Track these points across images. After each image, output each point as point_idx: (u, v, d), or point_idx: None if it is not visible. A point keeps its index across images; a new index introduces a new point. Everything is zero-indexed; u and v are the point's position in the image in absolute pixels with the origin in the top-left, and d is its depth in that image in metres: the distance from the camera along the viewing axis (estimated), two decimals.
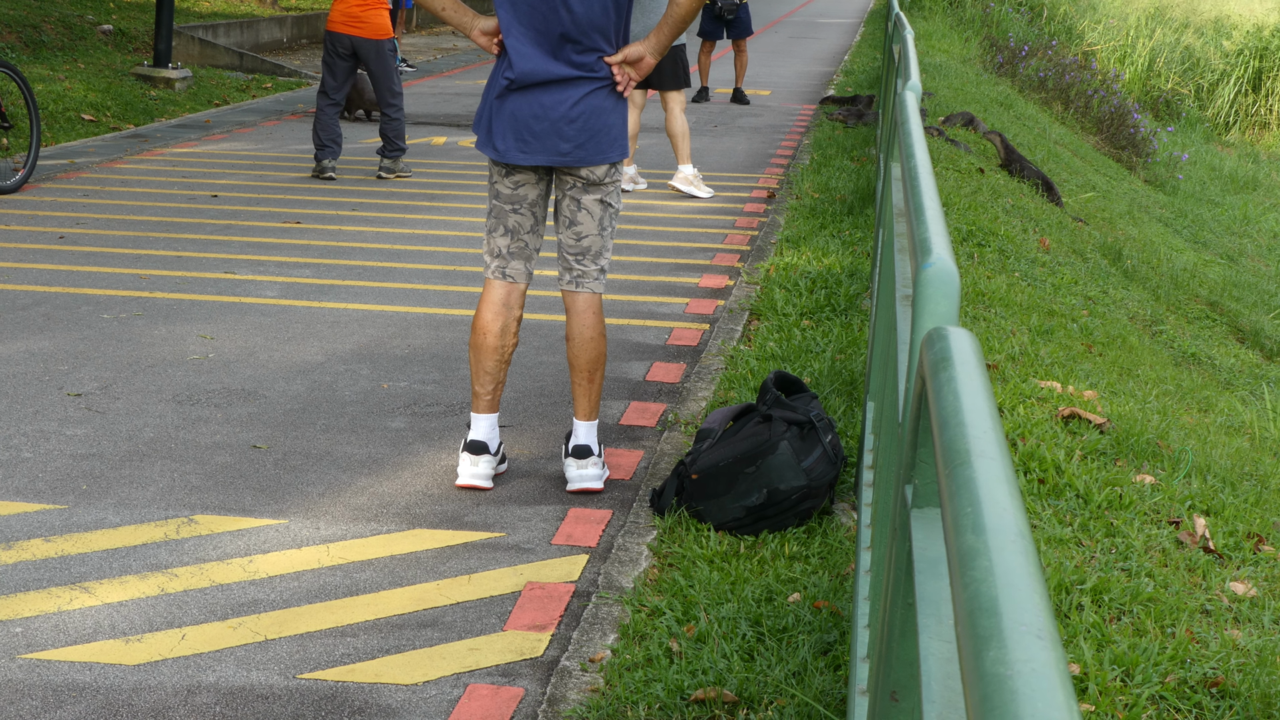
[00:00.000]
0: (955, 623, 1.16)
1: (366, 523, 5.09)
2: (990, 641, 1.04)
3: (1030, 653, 1.01)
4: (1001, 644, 1.03)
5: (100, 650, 4.13)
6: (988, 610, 1.08)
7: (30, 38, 17.15)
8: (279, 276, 8.46)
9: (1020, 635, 1.04)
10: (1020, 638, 1.03)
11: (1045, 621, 1.07)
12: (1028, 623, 1.06)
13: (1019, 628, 1.05)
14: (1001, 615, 1.07)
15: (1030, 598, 1.10)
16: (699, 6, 5.16)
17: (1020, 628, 1.05)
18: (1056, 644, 1.04)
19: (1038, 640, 1.03)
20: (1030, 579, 1.13)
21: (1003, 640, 1.03)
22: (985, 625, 1.06)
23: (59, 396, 6.22)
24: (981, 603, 1.09)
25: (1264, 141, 31.23)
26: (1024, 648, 1.02)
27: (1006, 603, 1.08)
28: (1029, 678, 0.98)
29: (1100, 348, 8.18)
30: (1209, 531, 5.19)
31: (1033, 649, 1.02)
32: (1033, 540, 1.18)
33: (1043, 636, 1.04)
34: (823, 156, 13.47)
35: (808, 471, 5.05)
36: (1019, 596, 1.09)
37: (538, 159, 5.22)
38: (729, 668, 4.08)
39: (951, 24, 31.60)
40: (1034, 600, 1.10)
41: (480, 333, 5.38)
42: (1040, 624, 1.06)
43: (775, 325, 7.64)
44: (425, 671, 4.09)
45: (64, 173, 11.61)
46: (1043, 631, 1.05)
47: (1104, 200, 16.31)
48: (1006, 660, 1.00)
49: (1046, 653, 1.02)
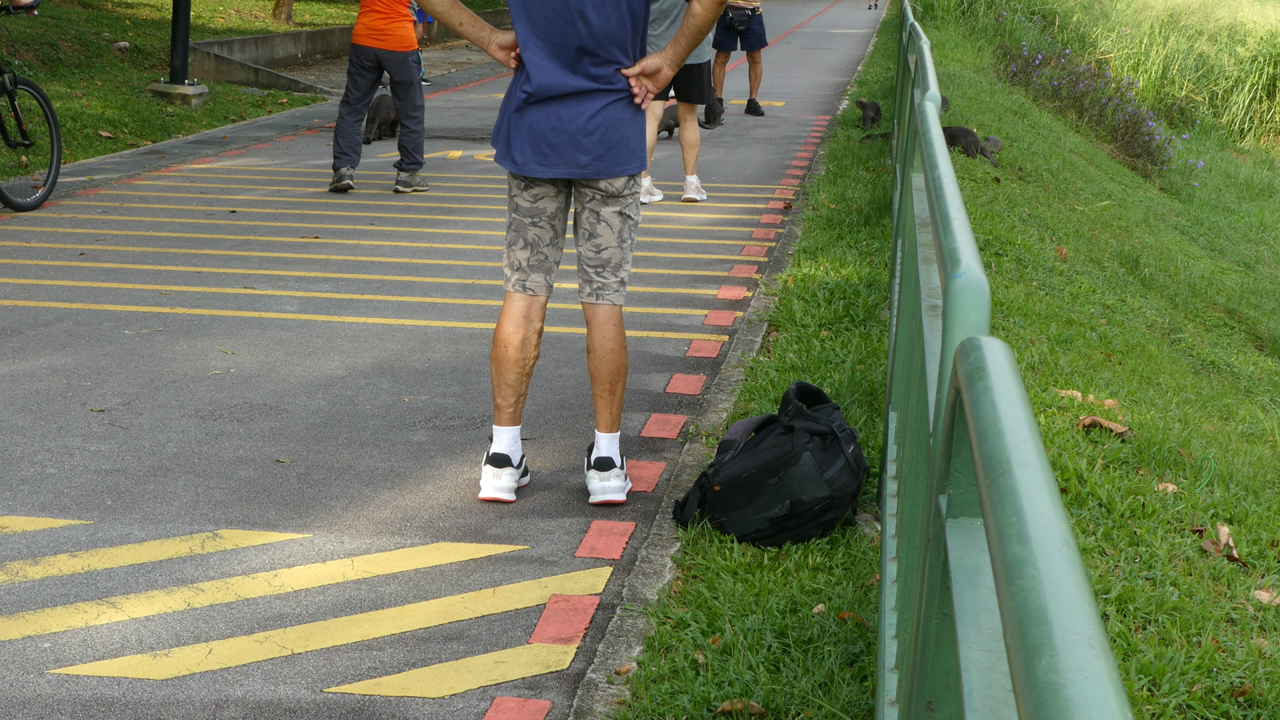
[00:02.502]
0: (1004, 632, 1.16)
1: (390, 536, 5.10)
2: (1042, 650, 1.04)
3: (1083, 660, 1.02)
4: (1053, 652, 1.03)
5: (128, 665, 4.14)
6: (1037, 619, 1.08)
7: (48, 55, 17.22)
8: (298, 291, 8.48)
9: (1072, 643, 1.04)
10: (1072, 646, 1.04)
11: (1095, 629, 1.08)
12: (1079, 631, 1.06)
13: (1070, 635, 1.05)
14: (1052, 624, 1.07)
15: (1079, 606, 1.10)
16: (714, 18, 5.17)
17: (1072, 635, 1.05)
18: (1108, 652, 1.05)
19: (1089, 648, 1.04)
20: (1078, 587, 1.13)
21: (1054, 649, 1.04)
22: (1036, 634, 1.06)
23: (82, 412, 6.25)
24: (1031, 611, 1.09)
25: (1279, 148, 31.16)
26: (1076, 655, 1.02)
27: (1056, 611, 1.08)
28: (1082, 685, 0.98)
29: (1119, 356, 8.18)
30: (1232, 540, 5.18)
31: (1085, 657, 1.02)
32: (1077, 549, 1.19)
33: (1094, 645, 1.05)
34: (838, 167, 13.47)
35: (830, 482, 5.05)
36: (1068, 605, 1.09)
37: (556, 171, 5.24)
38: (755, 679, 4.08)
39: (964, 33, 31.60)
40: (1083, 608, 1.10)
41: (501, 345, 5.40)
42: (1091, 632, 1.07)
43: (794, 336, 7.64)
44: (452, 685, 4.09)
45: (83, 190, 11.65)
46: (1094, 640, 1.06)
47: (1120, 208, 16.30)
48: (1059, 668, 1.01)
49: (1099, 661, 1.02)
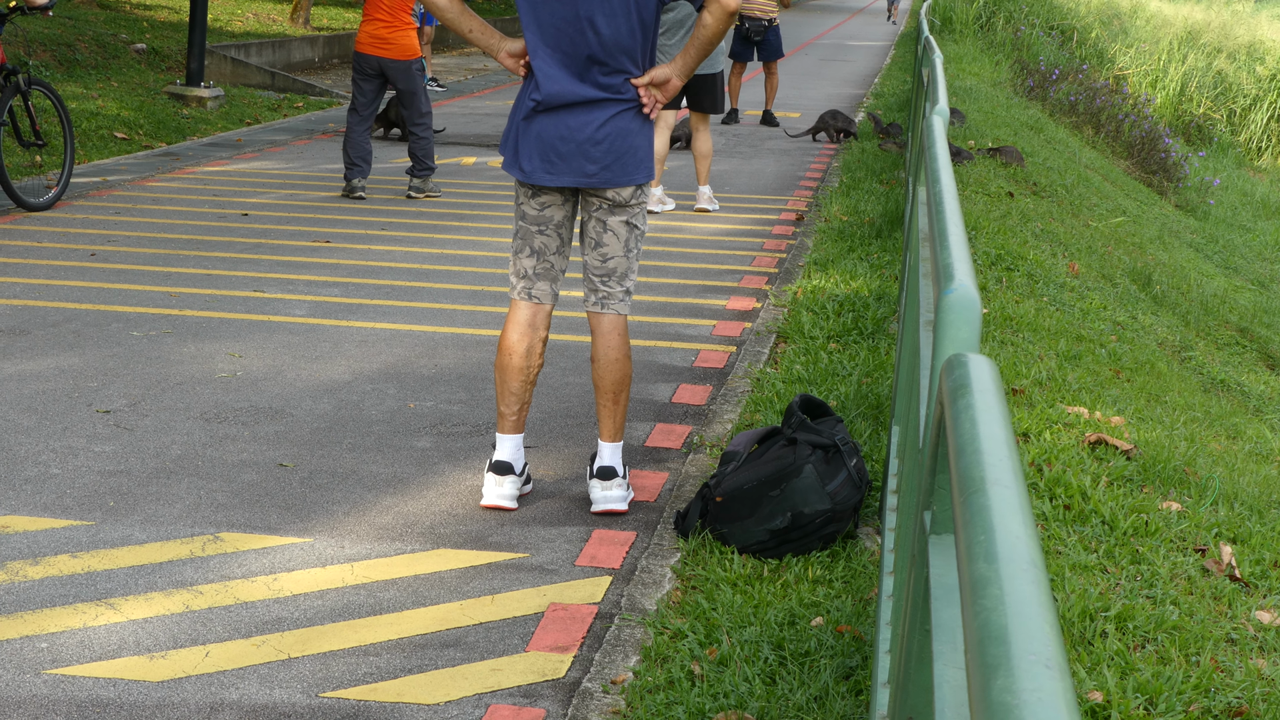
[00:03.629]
0: (965, 650, 1.16)
1: (391, 542, 5.10)
2: (999, 670, 1.04)
3: (1038, 682, 1.01)
4: (1010, 673, 1.03)
5: (124, 667, 4.15)
6: (997, 638, 1.08)
7: (65, 56, 17.26)
8: (308, 295, 8.49)
9: (1029, 664, 1.04)
10: (1029, 667, 1.03)
11: (1054, 651, 1.07)
12: (1037, 652, 1.06)
13: (1028, 657, 1.05)
14: (1011, 644, 1.07)
15: (1040, 627, 1.10)
16: (725, 29, 5.17)
17: (1029, 657, 1.05)
18: (1065, 674, 1.04)
19: (1046, 670, 1.03)
20: (1041, 608, 1.13)
21: (1011, 669, 1.03)
22: (994, 653, 1.06)
23: (88, 413, 6.26)
24: (991, 631, 1.09)
25: None
26: (1032, 677, 1.02)
27: (1016, 631, 1.08)
28: (1036, 707, 0.98)
29: (1128, 373, 8.16)
30: (1235, 559, 5.17)
31: (1041, 678, 1.02)
32: (1045, 570, 1.18)
33: (1051, 666, 1.04)
34: (852, 179, 13.47)
35: (832, 495, 5.05)
36: (1029, 626, 1.09)
37: (564, 180, 5.24)
38: (750, 691, 4.07)
39: (982, 47, 31.58)
40: (1044, 630, 1.10)
41: (506, 353, 5.40)
42: (1049, 653, 1.06)
43: (802, 348, 7.64)
44: (447, 691, 4.09)
45: (96, 190, 11.68)
46: (1051, 661, 1.05)
47: (1134, 225, 16.27)
48: (1014, 689, 1.00)
49: (1055, 682, 1.02)
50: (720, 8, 5.09)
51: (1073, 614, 4.48)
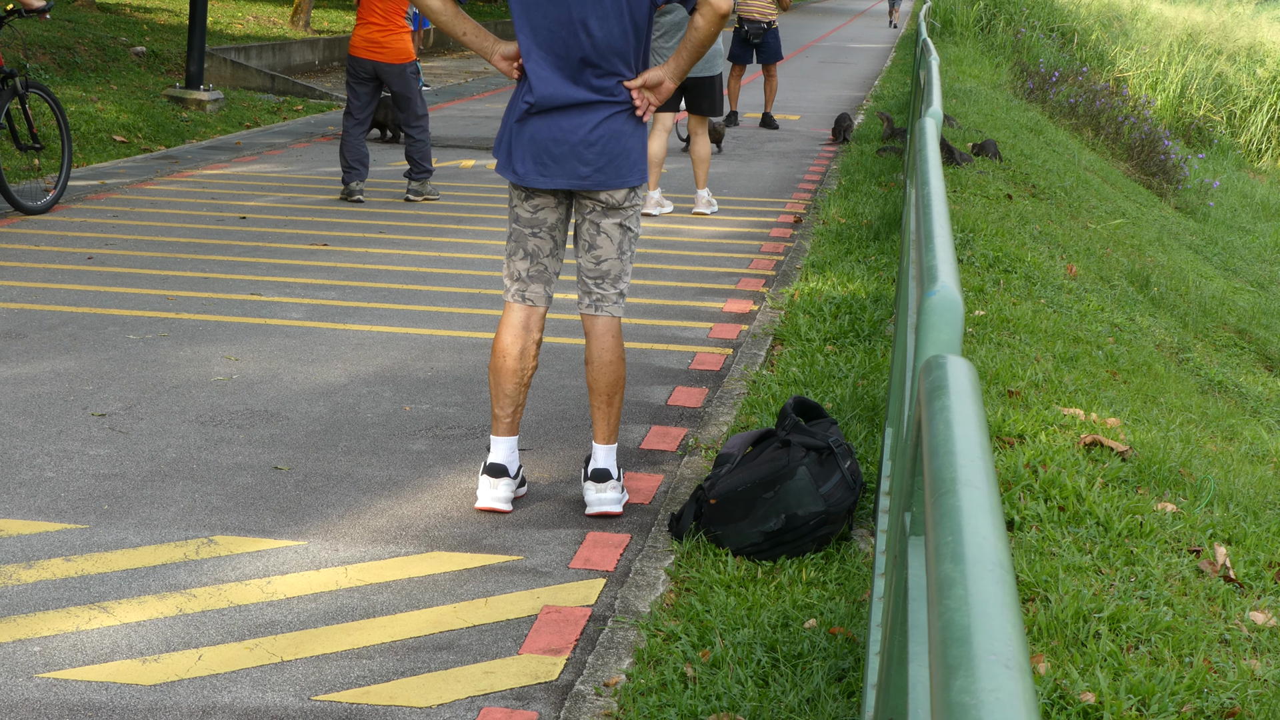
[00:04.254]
0: (929, 651, 1.16)
1: (385, 545, 5.10)
2: (959, 670, 1.04)
3: (998, 683, 1.01)
4: (969, 673, 1.03)
5: (117, 670, 4.15)
6: (959, 639, 1.08)
7: (64, 59, 17.27)
8: (305, 298, 8.49)
9: (989, 665, 1.04)
10: (989, 667, 1.03)
11: (1016, 652, 1.07)
12: (998, 652, 1.06)
13: (989, 657, 1.05)
14: (972, 644, 1.07)
15: (1003, 628, 1.10)
16: (717, 31, 5.17)
17: (990, 657, 1.05)
18: (1026, 675, 1.04)
19: (1005, 670, 1.03)
20: (1005, 609, 1.13)
21: (971, 669, 1.03)
22: (955, 654, 1.06)
23: (83, 416, 6.26)
24: (954, 631, 1.09)
25: None
26: (992, 677, 1.02)
27: (979, 632, 1.08)
28: (993, 708, 0.98)
29: (1125, 375, 8.16)
30: (1230, 560, 5.16)
31: (1000, 679, 1.02)
32: (1012, 571, 1.18)
33: (1011, 666, 1.04)
34: (850, 182, 13.47)
35: (826, 497, 5.05)
36: (992, 626, 1.09)
37: (557, 182, 5.24)
38: (743, 693, 4.07)
39: (982, 49, 31.58)
40: (1006, 631, 1.10)
41: (499, 355, 5.40)
42: (1010, 654, 1.06)
43: (799, 350, 7.64)
44: (440, 694, 4.09)
45: (94, 194, 11.69)
46: (1012, 661, 1.05)
47: (1133, 227, 16.27)
48: (973, 689, 1.00)
49: (1014, 683, 1.02)
50: (711, 10, 5.09)
51: (1066, 615, 4.48)
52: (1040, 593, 4.66)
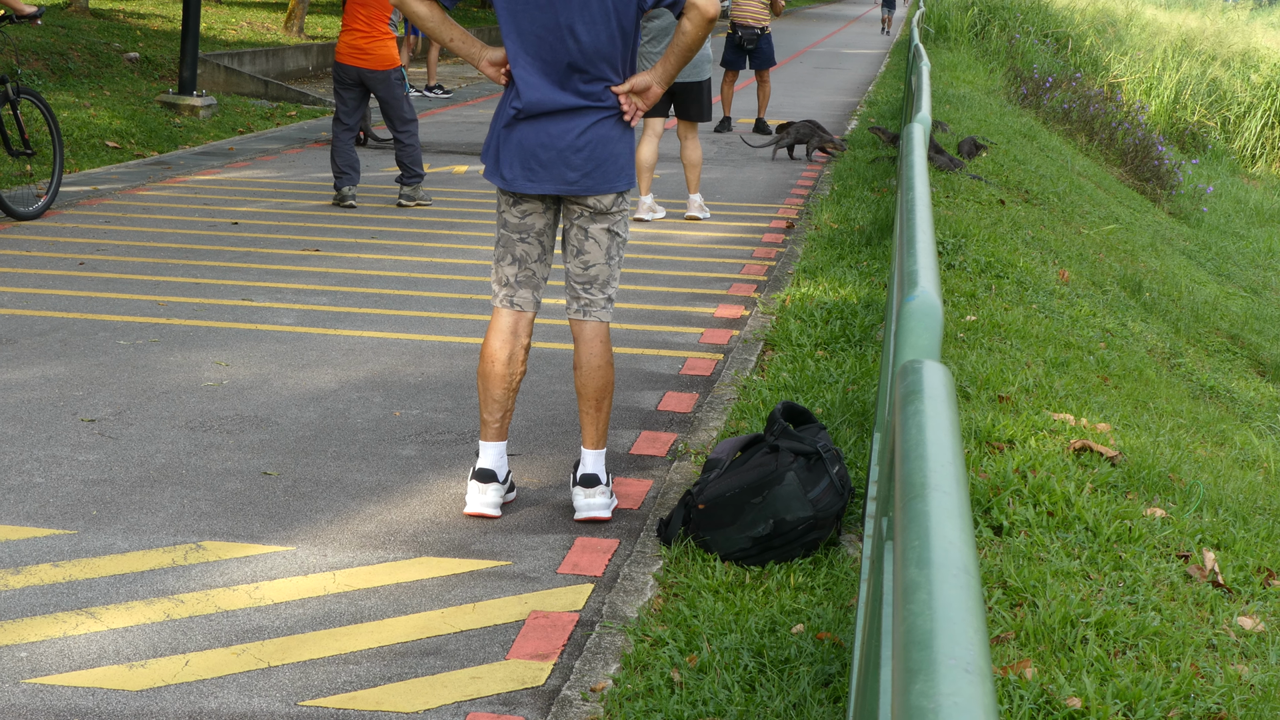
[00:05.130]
0: (892, 655, 1.16)
1: (373, 550, 5.10)
2: (919, 675, 1.04)
3: (957, 686, 1.01)
4: (929, 677, 1.03)
5: (104, 675, 4.15)
6: (921, 643, 1.08)
7: (57, 65, 17.27)
8: (296, 304, 8.49)
9: (949, 669, 1.04)
10: (948, 671, 1.03)
11: (977, 656, 1.07)
12: (959, 657, 1.06)
13: (949, 661, 1.05)
14: (933, 648, 1.07)
15: (965, 633, 1.10)
16: (705, 35, 5.17)
17: (950, 661, 1.05)
18: (986, 679, 1.04)
19: (965, 674, 1.03)
20: (968, 614, 1.13)
21: (931, 673, 1.03)
22: (917, 658, 1.06)
23: (73, 422, 6.26)
24: (916, 636, 1.09)
25: None
26: (951, 681, 1.02)
27: (941, 636, 1.08)
28: (952, 711, 0.98)
29: (1116, 380, 8.16)
30: (1218, 565, 5.17)
31: (960, 683, 1.02)
32: (978, 576, 1.18)
33: (971, 671, 1.04)
34: (843, 187, 13.47)
35: (814, 502, 5.05)
36: (954, 631, 1.09)
37: (545, 188, 5.25)
38: (730, 699, 4.07)
39: (976, 55, 31.61)
40: (969, 635, 1.10)
41: (488, 361, 5.40)
42: (971, 658, 1.06)
43: (789, 356, 7.64)
44: (426, 700, 4.09)
45: (86, 199, 11.68)
46: (972, 666, 1.05)
47: (1127, 232, 16.28)
48: (932, 694, 1.00)
49: (974, 687, 1.02)
50: (699, 14, 5.09)
51: (1053, 620, 4.48)
52: (1028, 598, 4.66)
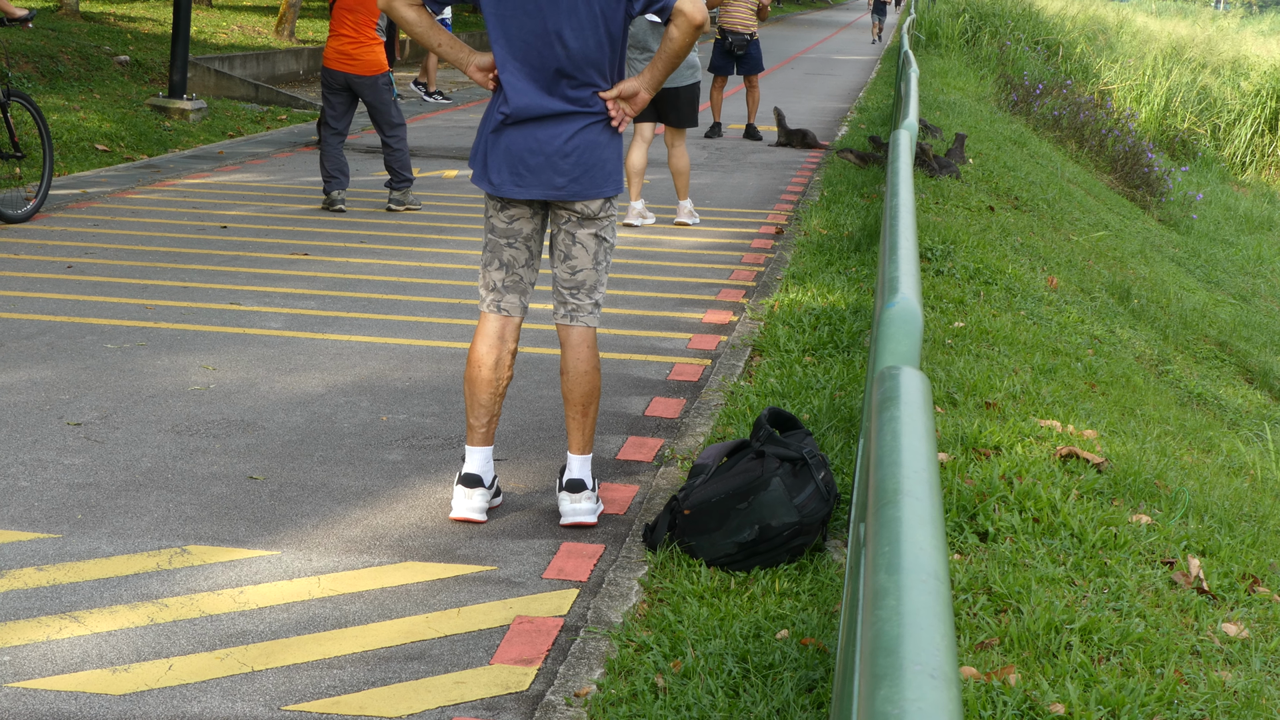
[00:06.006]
0: (859, 661, 1.16)
1: (359, 555, 5.10)
2: (884, 680, 1.04)
3: (921, 692, 1.01)
4: (895, 683, 1.03)
5: (87, 680, 4.14)
6: (888, 649, 1.08)
7: (47, 68, 17.25)
8: (284, 308, 8.49)
9: (914, 675, 1.04)
10: (914, 677, 1.03)
11: (943, 662, 1.07)
12: (924, 662, 1.06)
13: (914, 667, 1.05)
14: (900, 654, 1.07)
15: (932, 638, 1.10)
16: (692, 42, 5.18)
17: (915, 667, 1.05)
18: (952, 685, 1.04)
19: (931, 680, 1.03)
20: (937, 620, 1.13)
21: (897, 679, 1.03)
22: (883, 663, 1.06)
23: (59, 426, 6.25)
24: (883, 641, 1.09)
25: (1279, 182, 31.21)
26: (916, 687, 1.02)
27: (908, 642, 1.08)
28: (916, 717, 0.98)
29: (1103, 387, 8.17)
30: (1203, 572, 5.17)
31: (925, 688, 1.02)
32: (948, 583, 1.18)
33: (937, 676, 1.04)
34: (833, 193, 13.48)
35: (800, 508, 5.05)
36: (922, 637, 1.09)
37: (533, 193, 5.25)
38: (713, 704, 4.07)
39: (967, 61, 31.65)
40: (936, 641, 1.10)
41: (475, 365, 5.40)
42: (937, 664, 1.06)
43: (777, 361, 7.64)
44: (410, 704, 4.09)
45: (75, 203, 11.67)
46: (937, 671, 1.05)
47: (1116, 239, 16.30)
48: (896, 699, 1.00)
49: (939, 693, 1.02)
50: (686, 21, 5.09)
51: (1038, 626, 4.49)
52: (1013, 604, 4.67)
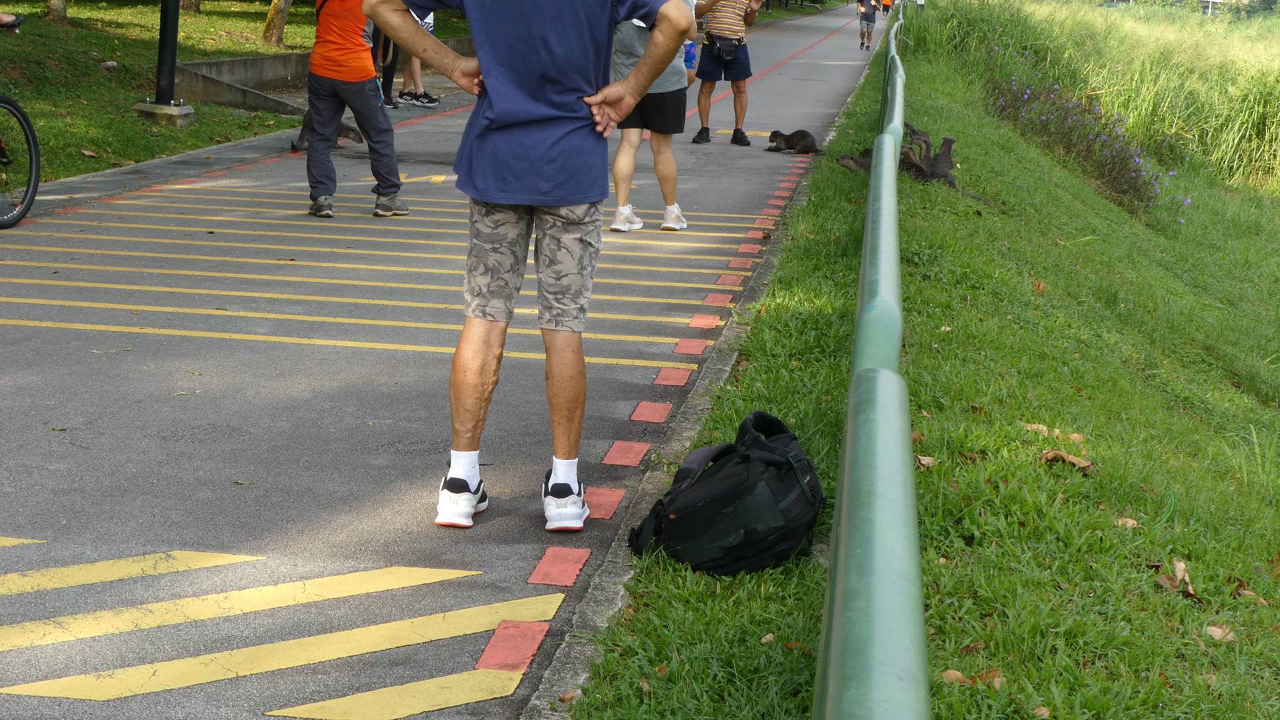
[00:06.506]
0: (828, 663, 1.16)
1: (344, 560, 5.09)
2: (852, 681, 1.04)
3: (889, 693, 1.01)
4: (862, 684, 1.03)
5: (71, 685, 4.13)
6: (856, 650, 1.08)
7: (34, 74, 17.22)
8: (270, 313, 8.48)
9: (882, 675, 1.04)
10: (881, 678, 1.03)
11: (912, 663, 1.07)
12: (892, 663, 1.06)
13: (882, 668, 1.05)
14: (869, 655, 1.07)
15: (902, 640, 1.10)
16: (676, 47, 5.18)
17: (884, 668, 1.05)
18: (919, 686, 1.04)
19: (899, 681, 1.04)
20: (906, 621, 1.13)
21: (864, 680, 1.04)
22: (851, 664, 1.06)
23: (44, 431, 6.24)
24: (852, 643, 1.09)
25: (1267, 186, 31.28)
26: (884, 688, 1.02)
27: (877, 643, 1.08)
28: (882, 718, 0.98)
29: (1090, 391, 8.18)
30: (1189, 575, 5.18)
31: (892, 689, 1.02)
32: (919, 584, 1.18)
33: (904, 678, 1.04)
34: (820, 198, 13.49)
35: (785, 512, 5.05)
36: (891, 638, 1.09)
37: (518, 198, 5.25)
38: (698, 709, 4.07)
39: (955, 67, 31.70)
40: (906, 643, 1.10)
41: (460, 370, 5.40)
42: (905, 665, 1.06)
43: (764, 366, 7.64)
44: (394, 709, 4.08)
45: (62, 208, 11.65)
46: (905, 673, 1.05)
47: (1103, 244, 16.33)
48: (863, 700, 1.00)
49: (906, 694, 1.02)
50: (671, 26, 5.09)
51: (1023, 630, 4.49)
52: (998, 608, 4.67)
